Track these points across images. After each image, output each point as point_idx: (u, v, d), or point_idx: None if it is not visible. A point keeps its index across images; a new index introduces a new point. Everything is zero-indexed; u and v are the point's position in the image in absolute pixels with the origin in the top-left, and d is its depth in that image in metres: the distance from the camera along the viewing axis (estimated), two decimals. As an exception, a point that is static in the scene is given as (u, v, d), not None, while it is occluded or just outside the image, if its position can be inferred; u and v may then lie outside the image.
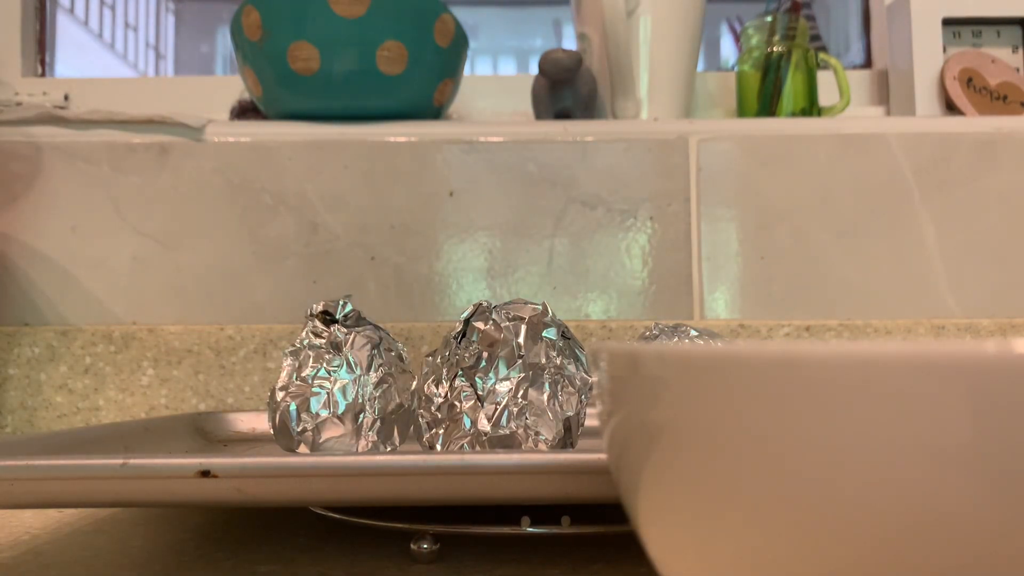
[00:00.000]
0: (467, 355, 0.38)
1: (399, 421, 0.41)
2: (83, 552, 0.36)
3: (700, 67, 0.77)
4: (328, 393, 0.39)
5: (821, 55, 0.75)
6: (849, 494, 0.16)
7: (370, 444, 0.39)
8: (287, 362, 0.41)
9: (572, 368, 0.38)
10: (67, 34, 0.94)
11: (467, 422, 0.37)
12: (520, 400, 0.37)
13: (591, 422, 0.40)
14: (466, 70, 0.71)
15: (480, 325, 0.38)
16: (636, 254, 0.65)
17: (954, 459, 0.15)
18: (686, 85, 0.72)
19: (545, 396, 0.37)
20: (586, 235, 0.66)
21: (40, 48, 0.84)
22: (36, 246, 0.65)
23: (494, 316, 0.38)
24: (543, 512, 0.34)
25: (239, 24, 0.64)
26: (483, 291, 0.65)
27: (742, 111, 0.75)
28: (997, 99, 0.71)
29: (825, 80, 0.76)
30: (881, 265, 0.65)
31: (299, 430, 0.39)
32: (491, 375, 0.37)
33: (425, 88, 0.66)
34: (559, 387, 0.37)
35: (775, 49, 0.73)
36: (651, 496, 0.20)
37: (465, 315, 0.39)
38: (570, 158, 0.66)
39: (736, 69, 0.77)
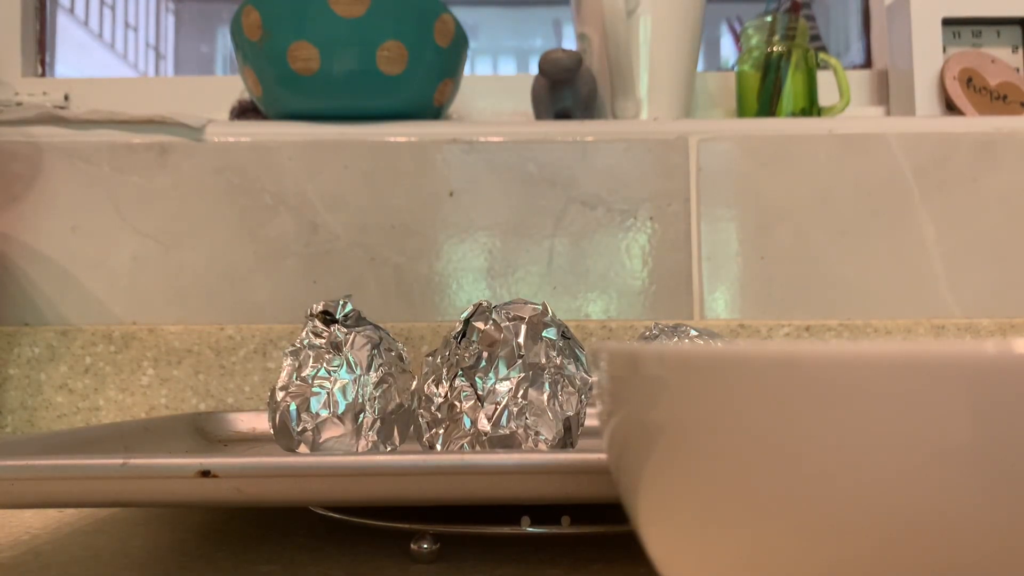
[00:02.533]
0: (467, 355, 0.38)
1: (399, 421, 0.41)
2: (83, 552, 0.36)
3: (700, 67, 0.77)
4: (328, 393, 0.39)
5: (821, 55, 0.75)
6: (849, 494, 0.16)
7: (370, 444, 0.39)
8: (287, 362, 0.41)
9: (572, 368, 0.38)
10: (67, 34, 0.94)
11: (467, 422, 0.37)
12: (520, 400, 0.37)
13: (591, 422, 0.40)
14: (466, 70, 0.71)
15: (480, 325, 0.38)
16: (636, 254, 0.65)
17: (954, 459, 0.15)
18: (686, 85, 0.72)
19: (545, 396, 0.37)
20: (586, 235, 0.66)
21: (40, 48, 0.84)
22: (36, 246, 0.65)
23: (494, 316, 0.38)
24: (543, 512, 0.34)
25: (239, 24, 0.64)
26: (483, 291, 0.65)
27: (742, 111, 0.75)
28: (997, 99, 0.71)
29: (825, 80, 0.76)
30: (881, 265, 0.65)
31: (299, 430, 0.39)
32: (491, 375, 0.37)
33: (425, 88, 0.66)
34: (559, 387, 0.37)
35: (775, 49, 0.73)
36: (651, 496, 0.20)
37: (465, 315, 0.39)
38: (570, 158, 0.66)
39: (736, 69, 0.77)
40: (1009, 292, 0.65)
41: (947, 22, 0.74)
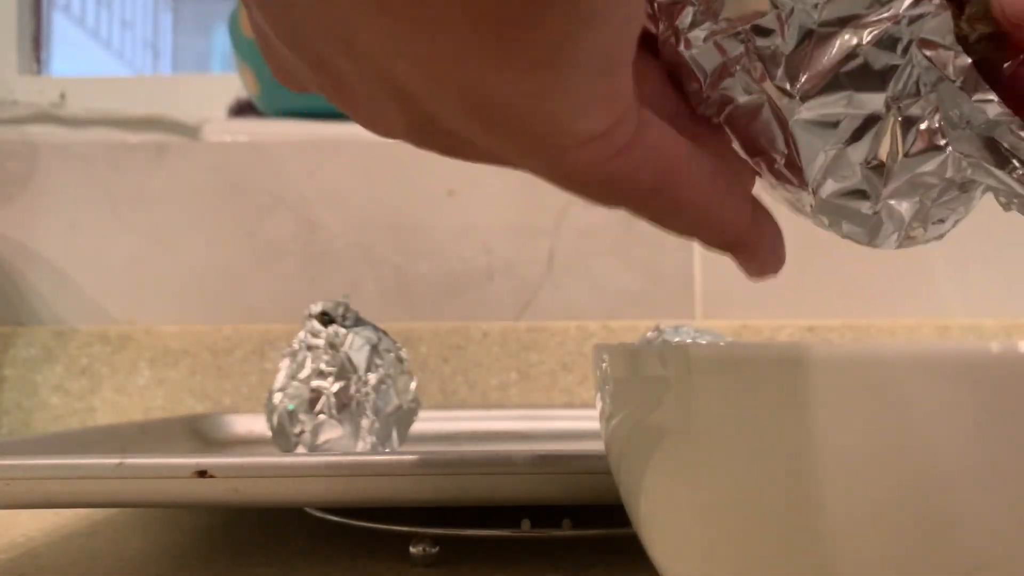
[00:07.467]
0: None
1: (398, 423, 0.41)
2: (80, 555, 0.36)
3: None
4: (326, 394, 0.39)
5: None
6: (852, 495, 0.16)
7: (368, 446, 0.39)
8: (285, 363, 0.41)
9: None
10: (63, 32, 0.94)
11: None
12: None
13: (591, 423, 0.40)
14: (465, 69, 0.71)
15: None
16: (637, 254, 0.65)
17: (958, 460, 0.15)
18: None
19: None
20: (587, 235, 0.65)
21: (36, 46, 0.84)
22: (32, 246, 0.65)
23: None
24: (543, 515, 0.34)
25: (237, 21, 0.64)
26: (483, 291, 0.65)
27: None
28: (998, 98, 0.71)
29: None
30: (884, 264, 0.65)
31: (296, 432, 0.39)
32: None
33: (424, 87, 0.65)
34: None
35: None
36: (652, 498, 0.20)
37: None
38: (570, 157, 0.66)
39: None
40: (1013, 292, 0.65)
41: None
